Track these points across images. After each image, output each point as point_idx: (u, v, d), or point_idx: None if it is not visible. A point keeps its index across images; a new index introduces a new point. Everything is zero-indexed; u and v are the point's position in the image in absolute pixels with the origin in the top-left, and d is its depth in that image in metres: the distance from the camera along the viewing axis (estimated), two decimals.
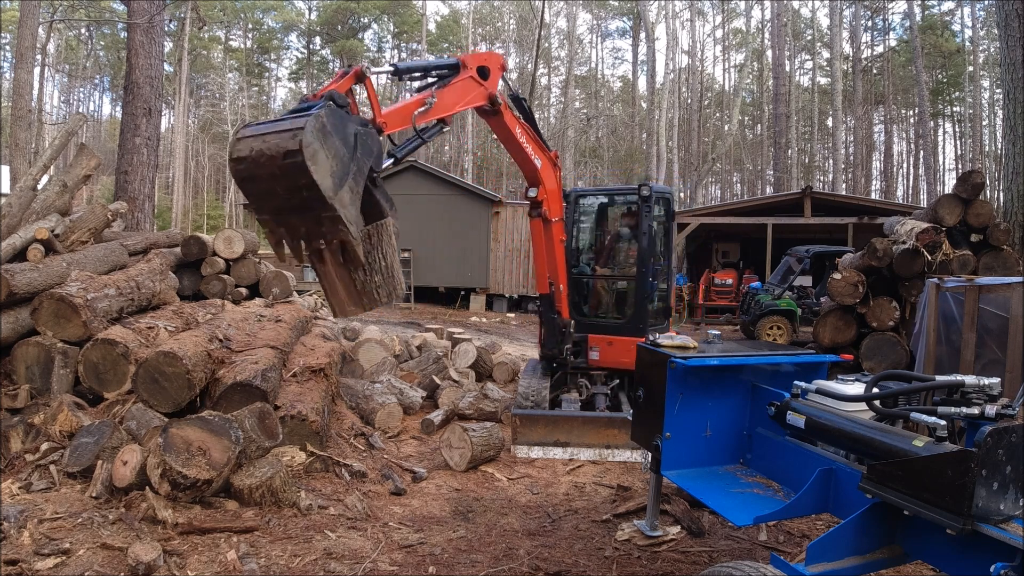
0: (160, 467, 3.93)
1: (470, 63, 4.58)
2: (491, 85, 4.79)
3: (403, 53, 51.66)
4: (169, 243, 8.54)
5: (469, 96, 4.63)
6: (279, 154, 3.01)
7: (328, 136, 3.15)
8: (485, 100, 4.80)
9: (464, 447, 5.50)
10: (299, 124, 3.01)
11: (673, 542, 4.16)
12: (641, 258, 6.98)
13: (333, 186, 3.13)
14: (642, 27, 36.26)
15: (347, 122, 3.35)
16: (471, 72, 4.55)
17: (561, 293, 6.47)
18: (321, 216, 3.20)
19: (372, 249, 3.58)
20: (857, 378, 3.26)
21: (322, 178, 3.05)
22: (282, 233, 3.39)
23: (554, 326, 6.66)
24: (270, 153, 3.05)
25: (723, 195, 47.84)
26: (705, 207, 23.49)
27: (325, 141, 3.11)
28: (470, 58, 4.64)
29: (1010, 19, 8.26)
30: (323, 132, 3.11)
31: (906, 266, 7.04)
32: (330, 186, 3.11)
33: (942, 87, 40.20)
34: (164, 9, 11.85)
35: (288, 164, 3.00)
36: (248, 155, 3.12)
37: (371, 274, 3.60)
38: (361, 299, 3.62)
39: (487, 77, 4.70)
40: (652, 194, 6.91)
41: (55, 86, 43.50)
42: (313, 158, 3.00)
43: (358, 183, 3.35)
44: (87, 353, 5.05)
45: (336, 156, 3.19)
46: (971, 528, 2.20)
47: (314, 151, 3.02)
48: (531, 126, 5.68)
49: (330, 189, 3.11)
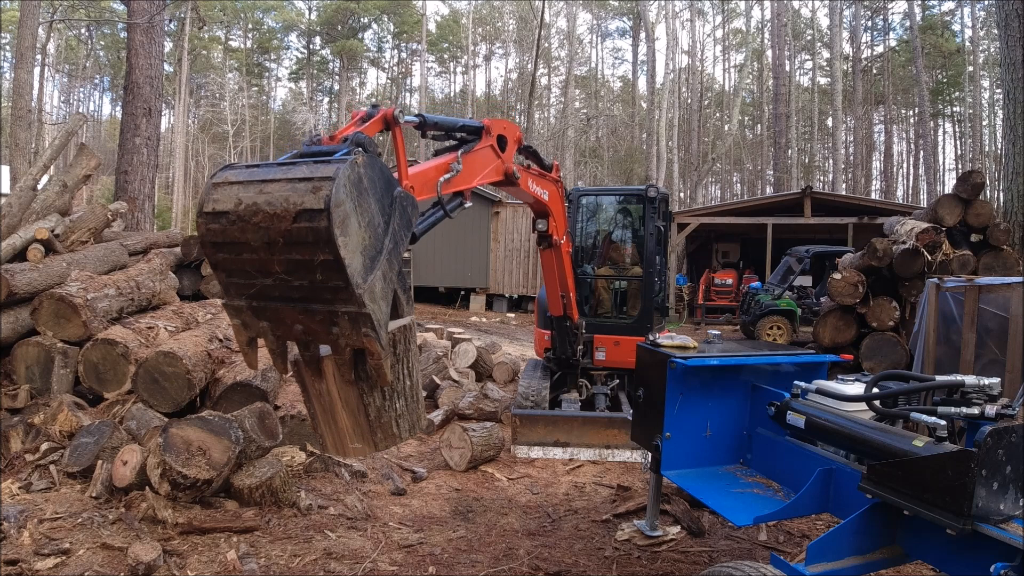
0: (160, 467, 3.93)
1: (493, 129, 4.12)
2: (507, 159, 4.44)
3: (403, 53, 51.67)
4: (169, 243, 8.54)
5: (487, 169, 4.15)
6: (288, 213, 2.08)
7: (364, 196, 2.22)
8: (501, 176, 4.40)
9: (464, 447, 5.50)
10: (324, 172, 2.10)
11: (673, 542, 4.16)
12: (647, 258, 7.04)
13: (363, 269, 2.18)
14: (642, 27, 36.26)
15: (388, 179, 2.41)
16: (492, 140, 4.11)
17: (571, 300, 6.49)
18: (337, 312, 2.21)
19: (396, 363, 2.54)
20: (857, 378, 3.26)
21: (351, 256, 2.11)
22: (262, 329, 2.38)
23: (566, 332, 6.66)
24: (272, 211, 2.10)
25: (723, 195, 47.83)
26: (705, 207, 23.49)
27: (360, 202, 2.18)
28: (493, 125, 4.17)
29: (1010, 19, 8.26)
30: (359, 188, 2.18)
31: (906, 266, 7.04)
32: (360, 269, 2.16)
33: (942, 87, 40.19)
34: (164, 9, 11.85)
35: (303, 229, 2.06)
36: (232, 210, 2.18)
37: (391, 398, 2.55)
38: (373, 433, 2.55)
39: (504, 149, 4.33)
40: (658, 195, 6.99)
41: (55, 86, 43.52)
42: (343, 225, 2.06)
43: (392, 267, 2.36)
44: (87, 353, 5.05)
45: (370, 226, 2.24)
46: (971, 528, 2.20)
47: (345, 215, 2.08)
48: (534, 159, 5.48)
49: (360, 273, 2.15)
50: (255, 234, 2.15)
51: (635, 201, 7.52)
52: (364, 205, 2.22)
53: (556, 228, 5.90)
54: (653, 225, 6.96)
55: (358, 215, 2.17)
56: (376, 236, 2.29)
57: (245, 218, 2.16)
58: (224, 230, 2.22)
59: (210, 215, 2.23)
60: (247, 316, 2.38)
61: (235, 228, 2.19)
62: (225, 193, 2.23)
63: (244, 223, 2.17)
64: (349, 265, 2.10)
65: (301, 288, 2.21)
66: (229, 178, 2.28)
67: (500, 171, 4.34)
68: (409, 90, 53.30)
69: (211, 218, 2.23)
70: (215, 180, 2.30)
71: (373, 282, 2.23)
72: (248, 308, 2.36)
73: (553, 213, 5.81)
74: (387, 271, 2.33)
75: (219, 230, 2.22)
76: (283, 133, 50.20)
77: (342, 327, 2.24)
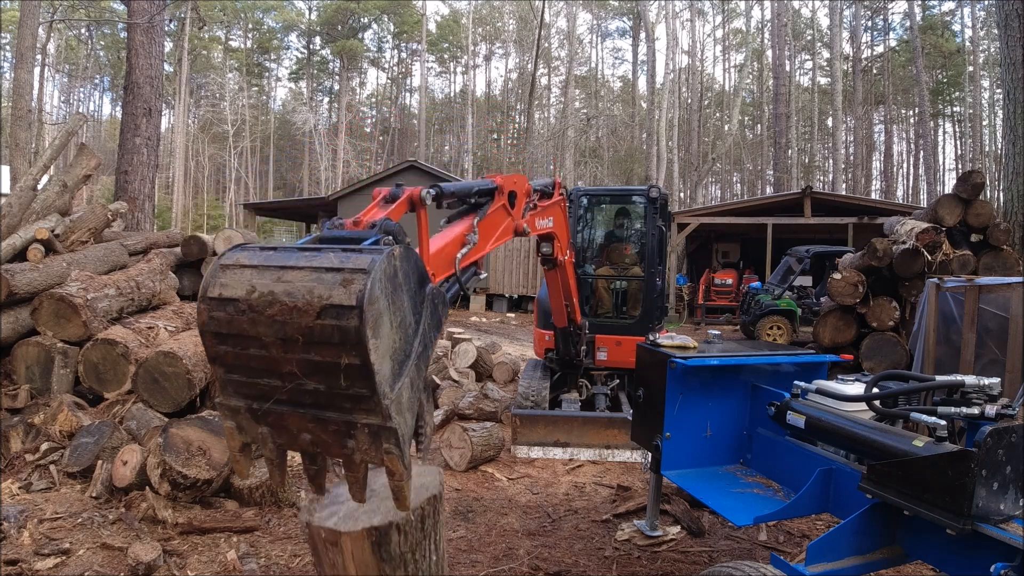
0: (160, 467, 3.93)
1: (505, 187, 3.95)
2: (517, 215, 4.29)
3: (403, 53, 51.70)
4: (169, 243, 8.54)
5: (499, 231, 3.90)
6: (311, 308, 1.78)
7: (398, 292, 1.94)
8: (511, 235, 4.15)
9: (464, 447, 5.51)
10: (357, 263, 1.81)
11: (673, 542, 4.16)
12: (649, 258, 7.05)
13: (392, 376, 1.88)
14: (642, 27, 36.26)
15: (422, 274, 2.12)
16: (503, 200, 3.86)
17: (575, 305, 6.49)
18: (355, 424, 1.88)
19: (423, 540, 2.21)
20: (857, 378, 3.26)
21: (381, 361, 1.81)
22: (261, 435, 2.02)
23: (569, 334, 6.66)
24: (292, 303, 1.80)
25: (723, 195, 47.85)
26: (705, 207, 23.50)
27: (393, 300, 1.90)
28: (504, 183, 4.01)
29: (1010, 19, 8.26)
30: (393, 284, 1.89)
31: (906, 266, 7.04)
32: (388, 376, 1.85)
33: (942, 87, 40.21)
34: (164, 9, 11.85)
35: (328, 328, 1.76)
36: (243, 297, 1.87)
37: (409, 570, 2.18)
38: None
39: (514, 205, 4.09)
40: (660, 196, 6.99)
41: (55, 86, 43.53)
42: (376, 325, 1.78)
43: (420, 375, 2.06)
44: (87, 353, 5.05)
45: (402, 326, 1.96)
46: (971, 528, 2.20)
47: (379, 313, 1.79)
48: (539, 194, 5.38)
49: (388, 381, 1.85)
50: (268, 328, 1.83)
51: (636, 201, 7.52)
52: (397, 303, 1.93)
53: (560, 248, 5.86)
54: (654, 225, 6.97)
55: (391, 314, 1.88)
56: (407, 338, 1.99)
57: (258, 309, 1.84)
58: (231, 320, 1.89)
59: (215, 300, 1.89)
60: (244, 419, 2.02)
61: (245, 319, 1.87)
62: (236, 277, 1.91)
63: (256, 314, 1.84)
64: (378, 372, 1.79)
65: (315, 393, 1.88)
66: (241, 260, 1.95)
67: (511, 230, 4.12)
68: (409, 90, 53.33)
69: (216, 304, 1.89)
70: (224, 261, 1.98)
71: (401, 391, 1.91)
72: (247, 410, 2.00)
73: (558, 236, 5.77)
74: (415, 378, 2.02)
75: (225, 319, 1.89)
76: (283, 133, 50.25)
77: (360, 441, 1.89)
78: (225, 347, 1.93)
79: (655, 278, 7.05)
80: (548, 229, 5.34)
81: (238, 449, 2.07)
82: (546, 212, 5.40)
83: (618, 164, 42.56)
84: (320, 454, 2.04)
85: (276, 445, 2.04)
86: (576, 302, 6.41)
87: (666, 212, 7.49)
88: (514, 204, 4.17)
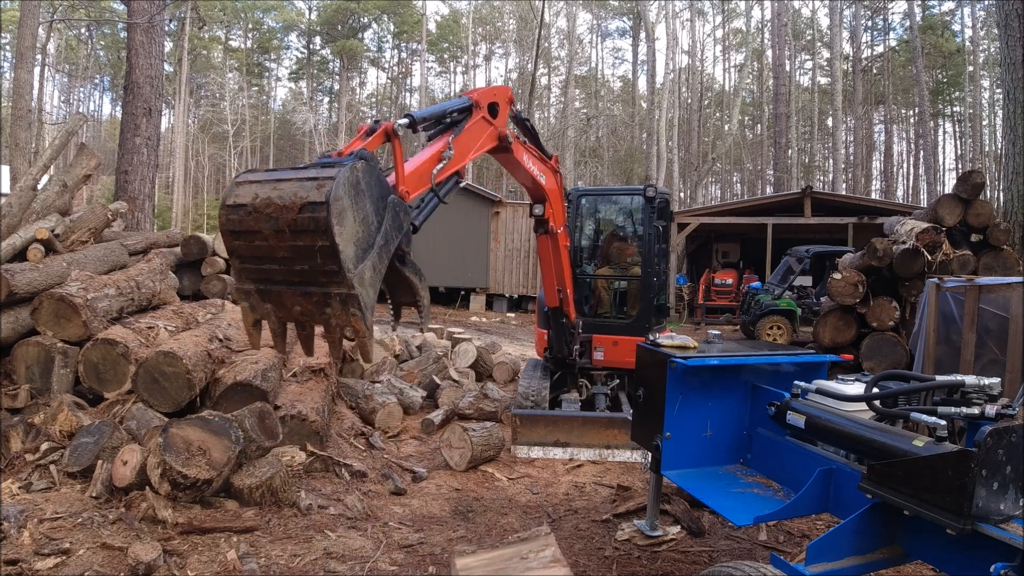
0: (160, 467, 3.93)
1: (481, 101, 4.18)
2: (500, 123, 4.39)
3: (403, 53, 51.67)
4: (169, 243, 8.54)
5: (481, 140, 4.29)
6: (295, 205, 2.48)
7: (360, 196, 2.64)
8: (496, 142, 4.48)
9: (464, 447, 5.50)
10: (327, 173, 2.53)
11: (673, 542, 4.16)
12: (646, 258, 7.03)
13: (355, 257, 2.57)
14: (642, 27, 36.25)
15: (383, 186, 2.87)
16: (483, 112, 4.21)
17: (568, 297, 6.48)
18: (330, 294, 2.60)
19: None
20: (857, 378, 3.26)
21: (345, 244, 2.50)
22: (267, 311, 2.79)
23: (563, 330, 6.66)
24: (282, 203, 2.49)
25: (723, 195, 47.83)
26: (705, 207, 23.49)
27: (356, 200, 2.61)
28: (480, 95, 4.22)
29: (1010, 19, 8.26)
30: (356, 189, 2.61)
31: (906, 266, 7.03)
32: (352, 256, 2.55)
33: (942, 87, 40.18)
34: (164, 9, 11.85)
35: (305, 219, 2.46)
36: (249, 203, 2.57)
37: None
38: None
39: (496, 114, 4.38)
40: (657, 195, 6.97)
41: (55, 86, 43.52)
42: (340, 217, 2.47)
43: (382, 261, 2.77)
44: (87, 353, 5.05)
45: (364, 222, 2.66)
46: (971, 528, 2.20)
47: (342, 208, 2.49)
48: (534, 142, 5.48)
49: (351, 260, 2.54)
50: (267, 223, 2.55)
51: (635, 201, 7.51)
52: (360, 203, 2.64)
53: (553, 215, 5.91)
54: (652, 225, 6.95)
55: (354, 211, 2.58)
56: (369, 232, 2.69)
57: (259, 209, 2.56)
58: (241, 220, 2.62)
59: (231, 207, 2.65)
60: (255, 299, 2.79)
61: (250, 218, 2.59)
62: (245, 190, 2.65)
63: (258, 214, 2.56)
64: (343, 252, 2.50)
65: (301, 272, 2.62)
66: (249, 178, 2.72)
67: (494, 137, 4.50)
68: (409, 90, 53.27)
69: (231, 210, 2.65)
70: (237, 180, 2.74)
71: (363, 270, 2.62)
72: (256, 292, 2.77)
73: (550, 199, 5.83)
74: (377, 263, 2.72)
75: (237, 220, 2.63)
76: (283, 133, 50.20)
77: (333, 308, 2.62)
78: (239, 241, 2.69)
79: (652, 278, 7.03)
80: (538, 179, 5.48)
81: (251, 324, 2.85)
82: (540, 165, 5.55)
83: (618, 164, 42.54)
84: (308, 322, 2.84)
85: (278, 318, 2.83)
86: (570, 293, 6.43)
87: (667, 212, 7.48)
88: (496, 114, 4.45)
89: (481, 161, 46.22)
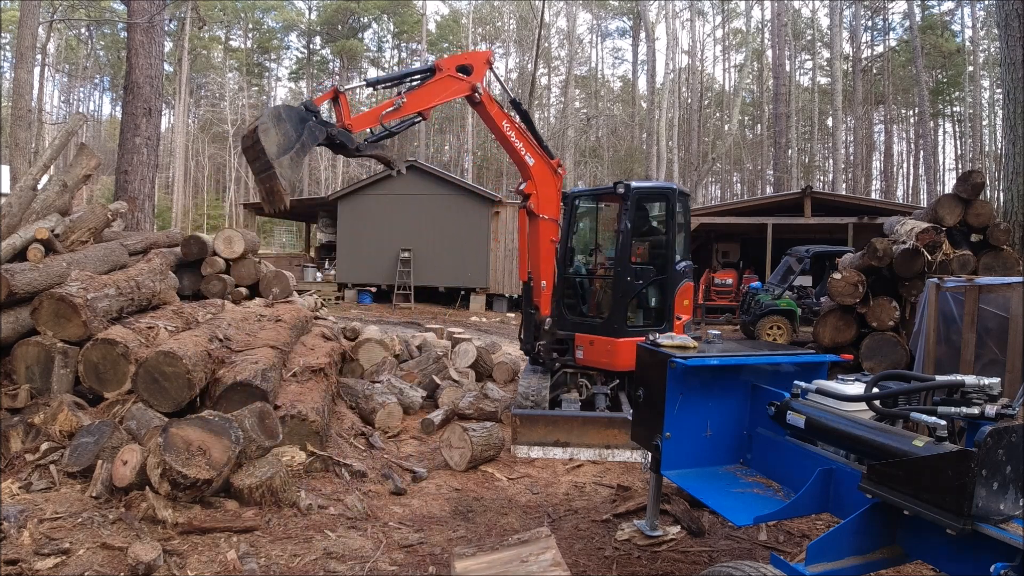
0: (160, 467, 3.93)
1: (446, 66, 5.56)
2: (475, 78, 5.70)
3: (403, 53, 51.67)
4: (169, 243, 8.54)
5: (450, 91, 5.54)
6: (251, 130, 4.76)
7: (281, 121, 4.85)
8: (469, 91, 5.60)
9: (464, 447, 5.50)
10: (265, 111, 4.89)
11: (673, 542, 4.16)
12: (617, 257, 6.78)
13: (276, 153, 4.76)
14: (642, 27, 36.26)
15: (300, 116, 4.98)
16: (448, 72, 5.50)
17: (541, 289, 6.48)
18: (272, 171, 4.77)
19: None
20: (857, 378, 3.25)
21: (268, 146, 4.72)
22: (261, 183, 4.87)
23: (530, 320, 6.68)
24: (251, 129, 4.81)
25: (723, 195, 47.85)
26: (705, 207, 23.47)
27: (277, 124, 4.83)
28: (448, 61, 5.59)
29: (1010, 19, 8.26)
30: (277, 118, 4.85)
31: (906, 266, 7.04)
32: (274, 152, 4.75)
33: (942, 87, 40.20)
34: (164, 9, 11.85)
35: (252, 135, 4.75)
36: (246, 133, 4.86)
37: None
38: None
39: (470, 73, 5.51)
40: (629, 192, 6.67)
41: (55, 86, 43.53)
42: (265, 132, 4.72)
43: (300, 156, 4.97)
44: (87, 353, 5.05)
45: (284, 134, 4.83)
46: (971, 528, 2.20)
47: (266, 128, 4.75)
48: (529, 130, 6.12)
49: (273, 154, 4.74)
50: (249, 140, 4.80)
51: (609, 200, 7.37)
52: (280, 126, 4.84)
53: (536, 199, 6.17)
54: (624, 223, 6.67)
55: (276, 129, 4.80)
56: (289, 141, 4.86)
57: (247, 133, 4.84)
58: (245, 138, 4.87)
59: (243, 137, 4.91)
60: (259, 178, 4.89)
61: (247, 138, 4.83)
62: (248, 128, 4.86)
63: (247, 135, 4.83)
64: (267, 150, 4.72)
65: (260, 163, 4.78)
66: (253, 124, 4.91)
67: (467, 88, 5.68)
68: None
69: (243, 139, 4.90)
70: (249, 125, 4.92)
71: (283, 159, 4.80)
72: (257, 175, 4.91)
73: (535, 180, 6.06)
74: (294, 156, 4.88)
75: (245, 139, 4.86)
76: None
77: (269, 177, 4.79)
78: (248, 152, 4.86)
79: (624, 277, 6.72)
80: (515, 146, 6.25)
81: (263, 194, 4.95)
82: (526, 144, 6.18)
83: (618, 164, 42.56)
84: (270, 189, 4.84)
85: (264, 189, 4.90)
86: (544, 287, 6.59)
87: (672, 208, 7.18)
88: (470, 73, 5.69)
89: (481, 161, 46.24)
